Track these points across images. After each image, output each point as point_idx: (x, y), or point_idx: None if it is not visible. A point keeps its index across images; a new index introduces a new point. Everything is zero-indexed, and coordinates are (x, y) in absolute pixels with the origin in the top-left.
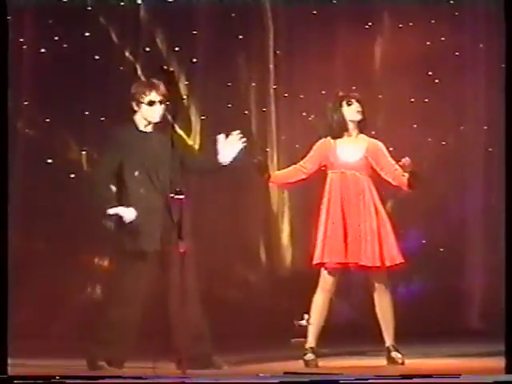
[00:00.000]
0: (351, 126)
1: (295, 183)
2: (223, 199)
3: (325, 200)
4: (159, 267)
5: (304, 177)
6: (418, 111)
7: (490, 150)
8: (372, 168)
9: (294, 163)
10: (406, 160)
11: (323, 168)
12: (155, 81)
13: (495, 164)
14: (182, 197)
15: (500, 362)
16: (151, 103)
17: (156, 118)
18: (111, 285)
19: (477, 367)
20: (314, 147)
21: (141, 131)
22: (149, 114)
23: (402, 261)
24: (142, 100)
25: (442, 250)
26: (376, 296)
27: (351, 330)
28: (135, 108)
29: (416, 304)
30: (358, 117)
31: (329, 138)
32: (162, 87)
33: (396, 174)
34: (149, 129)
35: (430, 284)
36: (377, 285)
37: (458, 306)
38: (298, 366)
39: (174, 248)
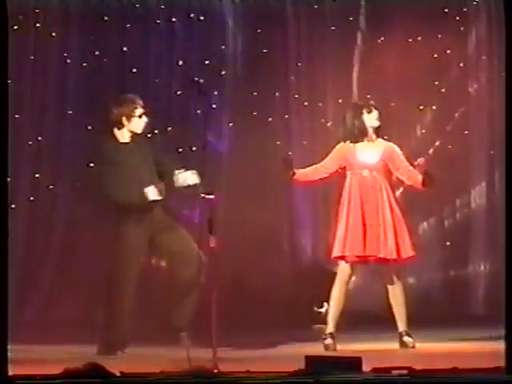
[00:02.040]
0: (370, 131)
1: (316, 181)
2: (250, 197)
3: (344, 198)
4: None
5: (325, 175)
6: (426, 118)
7: (492, 152)
8: (388, 169)
9: (314, 165)
10: (420, 160)
11: (342, 169)
12: (135, 96)
13: (497, 165)
14: (212, 196)
15: (499, 346)
16: (140, 116)
17: (141, 130)
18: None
19: (479, 350)
20: (335, 150)
21: (121, 143)
22: (137, 126)
23: (414, 254)
24: (133, 114)
25: (448, 243)
26: (389, 286)
27: (367, 317)
28: (125, 122)
29: (425, 293)
30: (377, 123)
31: (348, 142)
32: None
33: (410, 173)
34: (127, 140)
35: (437, 275)
36: (390, 275)
37: (462, 295)
38: (318, 349)
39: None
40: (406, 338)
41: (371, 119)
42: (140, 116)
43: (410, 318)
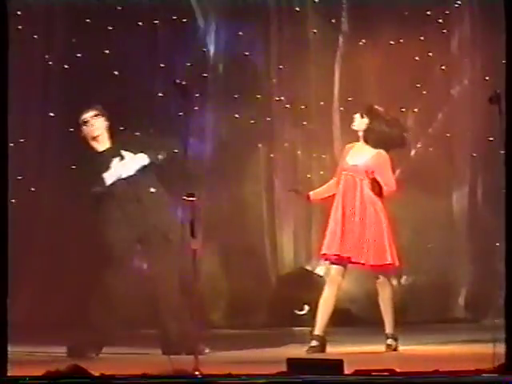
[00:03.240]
0: (360, 135)
1: (331, 196)
2: (232, 199)
3: (335, 200)
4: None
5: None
6: (407, 120)
7: (474, 154)
8: (372, 173)
9: (296, 167)
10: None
11: None
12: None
13: (479, 167)
14: (193, 199)
15: (486, 349)
16: (87, 121)
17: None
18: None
19: (464, 353)
20: (340, 156)
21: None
22: (96, 128)
23: (392, 261)
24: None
25: (430, 245)
26: (379, 288)
27: (354, 319)
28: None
29: (410, 297)
30: (363, 128)
31: (349, 144)
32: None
33: (387, 184)
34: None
35: (419, 278)
36: (381, 278)
37: (446, 298)
38: (301, 351)
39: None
40: (390, 341)
41: (361, 124)
42: (86, 121)
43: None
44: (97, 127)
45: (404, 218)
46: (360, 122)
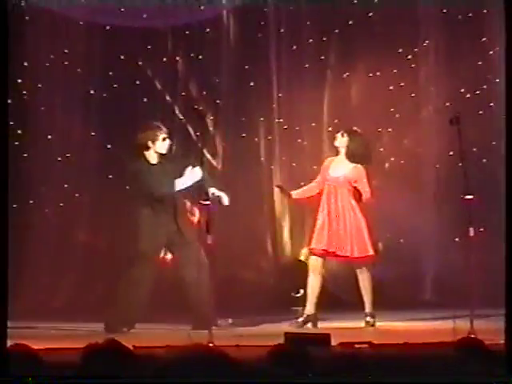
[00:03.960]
0: (342, 151)
1: (311, 197)
2: (240, 204)
3: (321, 205)
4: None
5: (317, 191)
6: (383, 138)
7: (438, 166)
8: (350, 184)
9: (291, 176)
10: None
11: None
12: (157, 122)
13: (442, 177)
14: (208, 202)
15: (447, 325)
16: (164, 139)
17: (165, 151)
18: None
19: (429, 329)
20: (322, 167)
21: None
22: (162, 147)
23: (373, 253)
24: (157, 138)
25: (401, 240)
26: (359, 274)
27: (338, 300)
28: (150, 145)
29: (385, 283)
30: (344, 145)
31: (328, 158)
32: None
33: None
34: (156, 160)
35: (393, 267)
36: (360, 266)
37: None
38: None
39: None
40: (368, 318)
41: (341, 142)
42: (164, 139)
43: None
44: (164, 147)
45: (382, 218)
46: (341, 140)
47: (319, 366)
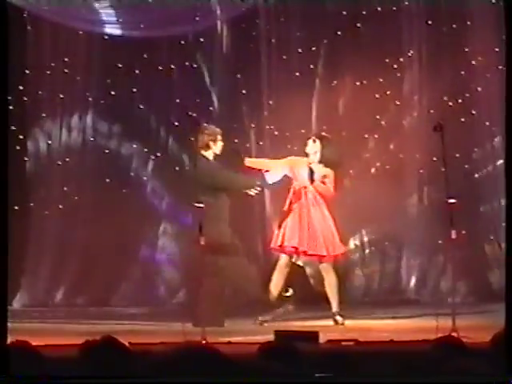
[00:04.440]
0: (311, 156)
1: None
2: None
3: (289, 204)
4: None
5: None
6: (369, 144)
7: (421, 171)
8: (324, 182)
9: (281, 182)
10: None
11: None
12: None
13: (425, 181)
14: (202, 205)
15: (430, 323)
16: (221, 140)
17: (219, 151)
18: None
19: (413, 327)
20: (287, 159)
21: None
22: (218, 148)
23: (344, 251)
24: (217, 139)
25: (386, 243)
26: (325, 274)
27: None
28: (212, 145)
29: (370, 282)
30: (314, 151)
31: (293, 157)
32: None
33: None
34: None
35: (378, 267)
36: (325, 266)
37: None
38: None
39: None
40: (338, 317)
41: (312, 147)
42: (221, 140)
43: (357, 301)
44: (219, 148)
45: (368, 221)
46: (312, 146)
47: (307, 363)
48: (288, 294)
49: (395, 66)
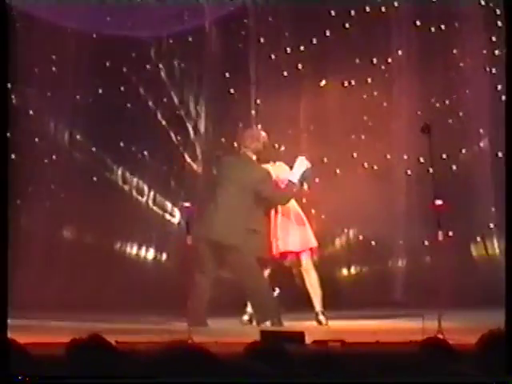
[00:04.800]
0: None
1: None
2: None
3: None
4: None
5: None
6: (356, 145)
7: (409, 173)
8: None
9: None
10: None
11: None
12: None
13: (413, 182)
14: (189, 205)
15: (416, 324)
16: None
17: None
18: None
19: (395, 328)
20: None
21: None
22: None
23: (316, 244)
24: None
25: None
26: (305, 274)
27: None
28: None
29: (356, 283)
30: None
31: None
32: None
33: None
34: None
35: (365, 269)
36: (305, 265)
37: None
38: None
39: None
40: (321, 317)
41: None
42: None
43: (341, 301)
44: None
45: (355, 221)
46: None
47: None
48: (275, 294)
49: (383, 67)
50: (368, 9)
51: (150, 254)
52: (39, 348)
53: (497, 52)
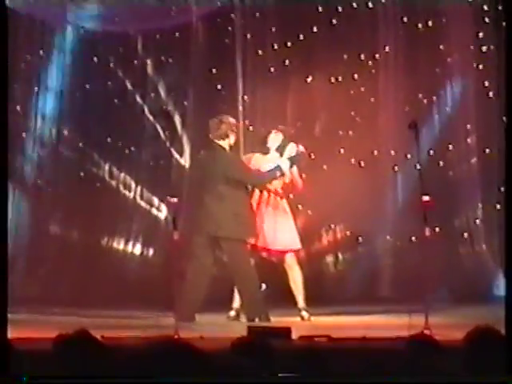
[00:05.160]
0: (272, 149)
1: None
2: None
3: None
4: None
5: None
6: (344, 141)
7: (396, 169)
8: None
9: None
10: None
11: None
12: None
13: (399, 179)
14: (175, 200)
15: (403, 320)
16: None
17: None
18: None
19: (382, 323)
20: (247, 156)
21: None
22: (233, 139)
23: (299, 247)
24: (234, 130)
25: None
26: (289, 271)
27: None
28: (230, 135)
29: (343, 278)
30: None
31: (252, 154)
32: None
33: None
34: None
35: (353, 265)
36: (289, 262)
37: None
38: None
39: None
40: (303, 313)
41: (274, 141)
42: (236, 132)
43: (329, 297)
44: (234, 138)
45: (342, 217)
46: (273, 140)
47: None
48: (262, 290)
49: (370, 63)
50: (355, 5)
51: (137, 249)
52: (25, 343)
53: (484, 48)
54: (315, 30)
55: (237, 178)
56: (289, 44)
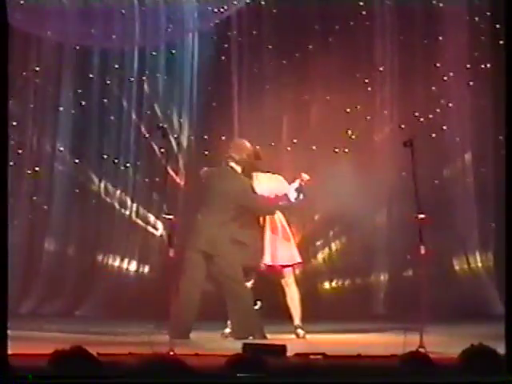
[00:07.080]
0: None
1: None
2: None
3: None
4: None
5: None
6: (339, 158)
7: (391, 186)
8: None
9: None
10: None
11: None
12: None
13: (395, 196)
14: (171, 217)
15: (398, 338)
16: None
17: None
18: None
19: (377, 341)
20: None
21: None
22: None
23: (301, 260)
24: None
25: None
26: (286, 288)
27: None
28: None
29: (339, 296)
30: None
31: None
32: None
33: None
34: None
35: (347, 282)
36: (286, 280)
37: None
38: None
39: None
40: (299, 331)
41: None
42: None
43: (324, 314)
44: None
45: (338, 234)
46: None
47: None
48: (256, 308)
49: (366, 81)
50: (352, 23)
51: (133, 266)
52: (21, 359)
53: (480, 66)
54: (311, 47)
55: (247, 206)
56: (285, 61)
